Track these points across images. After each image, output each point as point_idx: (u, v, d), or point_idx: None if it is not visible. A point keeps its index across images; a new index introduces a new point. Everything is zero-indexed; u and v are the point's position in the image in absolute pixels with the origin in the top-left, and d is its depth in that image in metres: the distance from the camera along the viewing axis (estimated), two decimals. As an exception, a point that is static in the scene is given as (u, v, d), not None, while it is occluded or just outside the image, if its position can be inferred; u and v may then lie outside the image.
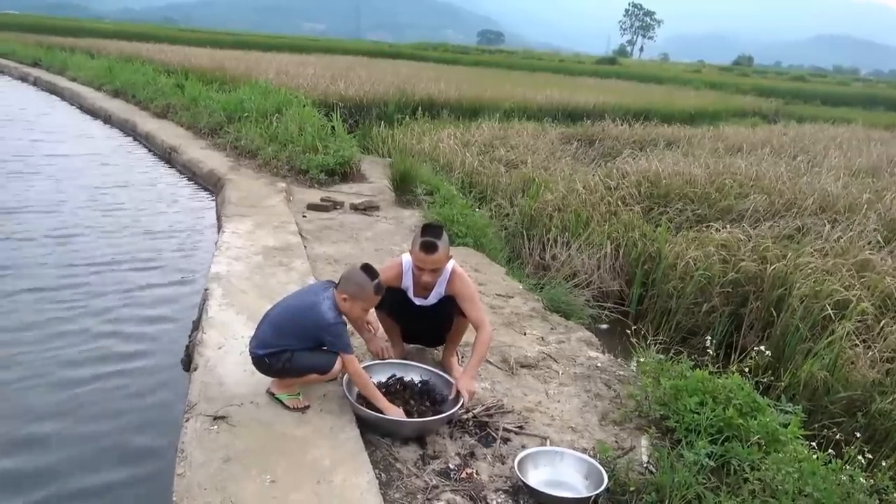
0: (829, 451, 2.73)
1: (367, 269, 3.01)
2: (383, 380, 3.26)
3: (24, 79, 20.49)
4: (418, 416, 3.01)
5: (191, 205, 7.75)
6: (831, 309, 4.99)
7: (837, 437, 3.04)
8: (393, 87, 14.90)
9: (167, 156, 9.90)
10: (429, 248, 3.14)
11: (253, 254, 5.09)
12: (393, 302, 3.37)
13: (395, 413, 2.95)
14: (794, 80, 51.19)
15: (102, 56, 21.29)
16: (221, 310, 4.00)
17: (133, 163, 9.73)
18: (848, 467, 2.57)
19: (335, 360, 2.97)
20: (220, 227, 6.12)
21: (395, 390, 3.21)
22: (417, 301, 3.38)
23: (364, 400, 3.06)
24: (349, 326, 3.19)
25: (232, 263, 4.83)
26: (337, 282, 3.08)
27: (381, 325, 3.55)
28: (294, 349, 2.96)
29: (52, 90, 17.82)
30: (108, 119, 13.27)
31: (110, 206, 7.32)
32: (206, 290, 4.37)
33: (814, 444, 2.84)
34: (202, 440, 2.72)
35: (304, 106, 10.09)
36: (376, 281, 2.99)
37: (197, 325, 4.05)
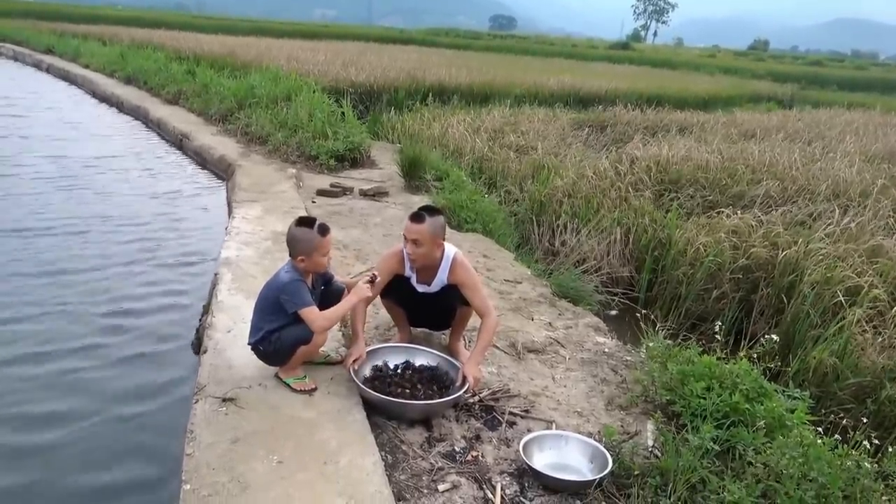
0: (836, 436, 2.72)
1: (302, 222, 3.02)
2: (393, 365, 3.28)
3: (37, 66, 20.64)
4: (425, 400, 3.03)
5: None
6: (842, 295, 4.95)
7: (845, 422, 3.02)
8: (403, 73, 14.86)
9: (179, 142, 9.96)
10: (414, 217, 3.19)
11: (262, 239, 5.13)
12: (397, 289, 3.39)
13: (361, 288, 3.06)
14: (811, 64, 50.48)
15: (115, 43, 21.36)
16: (231, 294, 4.04)
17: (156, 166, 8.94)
18: (854, 452, 2.56)
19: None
20: (230, 213, 6.16)
21: (404, 374, 3.23)
22: (420, 288, 3.39)
23: (371, 383, 3.09)
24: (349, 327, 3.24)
25: (242, 248, 4.87)
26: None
27: (386, 309, 3.57)
28: (278, 328, 2.98)
29: (65, 77, 17.94)
30: (120, 105, 13.35)
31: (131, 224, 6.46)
32: (216, 274, 4.41)
33: (821, 429, 2.82)
34: (211, 421, 2.76)
35: (315, 92, 10.08)
36: (316, 224, 3.00)
37: (207, 308, 4.10)
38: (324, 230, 3.00)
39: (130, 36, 23.01)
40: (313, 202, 6.54)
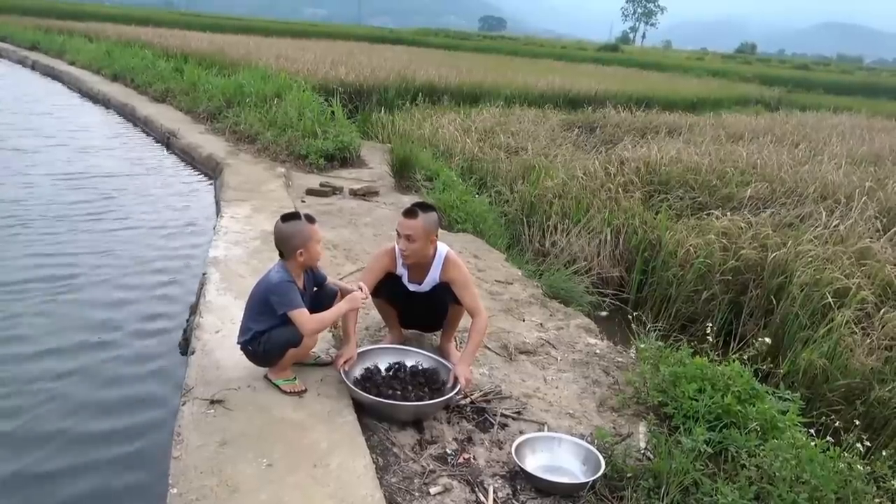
0: (828, 438, 2.72)
1: (289, 217, 3.02)
2: (384, 366, 3.25)
3: (22, 62, 20.36)
4: (416, 401, 3.00)
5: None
6: (831, 297, 4.98)
7: (836, 424, 3.03)
8: (393, 72, 14.81)
9: (166, 140, 9.85)
10: (407, 212, 3.19)
11: (251, 238, 5.07)
12: (389, 288, 3.36)
13: (355, 298, 3.03)
14: (798, 68, 50.92)
15: (101, 40, 21.12)
16: (219, 294, 3.99)
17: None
18: (846, 455, 2.56)
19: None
20: (218, 212, 6.09)
21: (395, 376, 3.19)
22: (412, 287, 3.37)
23: (362, 384, 3.06)
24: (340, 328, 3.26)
25: (230, 248, 4.81)
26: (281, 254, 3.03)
27: (375, 305, 3.54)
28: (267, 328, 2.94)
29: (51, 74, 17.72)
30: (106, 103, 13.20)
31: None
32: (203, 274, 4.36)
33: (812, 431, 2.83)
34: (199, 423, 2.71)
35: (304, 91, 10.02)
36: (304, 214, 3.02)
37: (195, 309, 4.04)
38: (310, 219, 3.02)
39: (117, 33, 22.76)
40: (303, 202, 6.50)
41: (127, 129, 11.17)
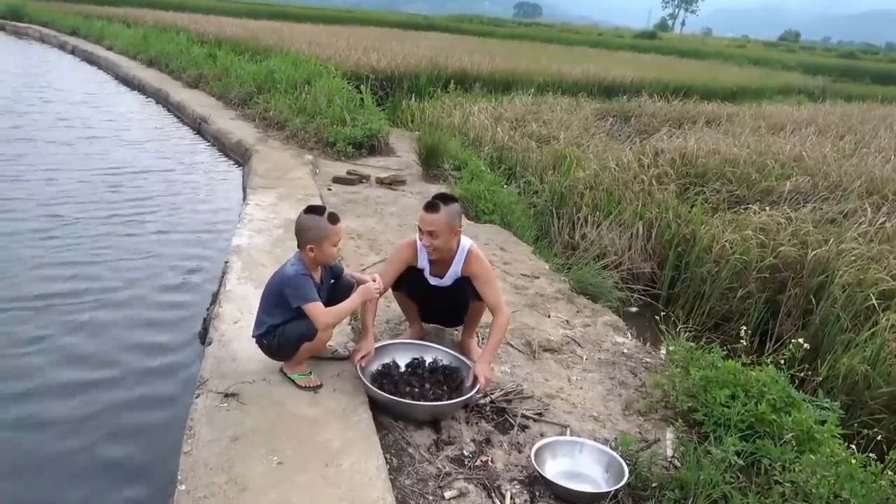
0: (870, 453, 2.55)
1: (312, 210, 2.91)
2: (403, 362, 3.16)
3: (62, 47, 20.75)
4: (434, 400, 2.91)
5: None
6: (875, 299, 4.73)
7: (878, 437, 2.85)
8: (425, 59, 14.68)
9: (197, 126, 9.91)
10: (429, 206, 3.07)
11: (275, 227, 5.03)
12: (409, 281, 3.27)
13: (369, 289, 2.94)
14: (844, 56, 49.23)
15: (138, 25, 21.40)
16: (240, 283, 3.94)
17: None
18: (889, 472, 2.40)
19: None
20: (244, 199, 6.07)
21: (414, 372, 3.11)
22: (433, 281, 3.27)
23: (379, 381, 2.98)
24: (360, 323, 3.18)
25: (253, 236, 4.77)
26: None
27: (395, 299, 3.47)
28: (282, 322, 2.87)
29: (89, 59, 18.01)
30: (142, 88, 13.35)
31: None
32: (226, 262, 4.32)
33: (852, 445, 2.66)
34: (211, 417, 2.66)
35: (334, 77, 9.96)
36: (326, 213, 2.88)
37: (215, 298, 4.01)
38: (334, 218, 2.88)
39: (155, 18, 23.03)
40: (329, 189, 6.44)
41: (160, 115, 11.25)
